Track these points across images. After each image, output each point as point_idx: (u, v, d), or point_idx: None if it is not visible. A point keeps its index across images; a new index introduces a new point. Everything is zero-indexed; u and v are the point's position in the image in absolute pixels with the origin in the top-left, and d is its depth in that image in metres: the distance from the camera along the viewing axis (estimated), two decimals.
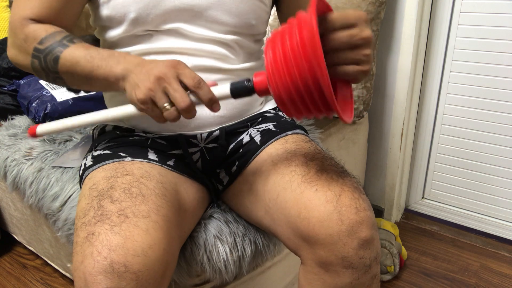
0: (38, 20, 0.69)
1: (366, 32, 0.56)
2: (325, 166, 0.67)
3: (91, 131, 0.87)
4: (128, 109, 0.61)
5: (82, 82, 0.67)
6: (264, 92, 0.57)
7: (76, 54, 0.65)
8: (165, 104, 0.56)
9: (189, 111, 0.56)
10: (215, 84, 0.59)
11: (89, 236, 0.56)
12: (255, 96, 0.83)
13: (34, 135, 0.65)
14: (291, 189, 0.65)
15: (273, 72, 0.53)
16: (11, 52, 0.71)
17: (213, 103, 0.57)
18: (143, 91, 0.56)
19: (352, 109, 0.61)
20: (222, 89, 0.58)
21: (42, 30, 0.67)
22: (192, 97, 0.57)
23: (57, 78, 0.69)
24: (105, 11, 0.72)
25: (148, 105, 0.57)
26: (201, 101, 0.57)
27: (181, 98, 0.55)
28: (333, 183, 0.63)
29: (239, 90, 0.58)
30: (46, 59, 0.67)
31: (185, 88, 0.57)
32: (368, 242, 0.60)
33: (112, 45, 0.76)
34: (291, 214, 0.64)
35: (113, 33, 0.74)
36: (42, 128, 0.65)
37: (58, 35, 0.67)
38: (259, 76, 0.58)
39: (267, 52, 0.54)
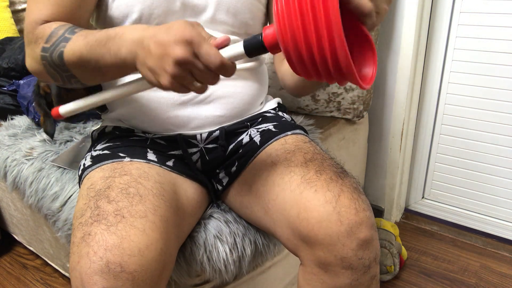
0: (50, 21, 0.66)
1: None
2: (324, 167, 0.67)
3: (91, 132, 0.87)
4: (146, 84, 0.58)
5: (95, 75, 0.63)
6: (274, 47, 0.53)
7: (78, 46, 0.60)
8: (194, 83, 0.53)
9: (216, 83, 0.54)
10: (228, 40, 0.54)
11: (85, 236, 0.56)
12: (255, 96, 0.83)
13: (59, 116, 0.63)
14: (290, 189, 0.65)
15: (282, 20, 0.49)
16: (29, 63, 0.67)
17: (231, 74, 0.54)
18: (168, 78, 0.52)
19: (374, 72, 0.55)
20: (236, 48, 0.54)
21: (47, 28, 0.64)
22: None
23: (71, 77, 0.64)
24: (108, 10, 0.72)
25: (176, 88, 0.53)
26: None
27: (210, 78, 0.53)
28: (332, 183, 0.63)
29: (252, 47, 0.53)
30: (52, 59, 0.63)
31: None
32: (367, 242, 0.60)
33: None
34: (290, 214, 0.64)
35: None
36: (64, 108, 0.63)
37: (62, 29, 0.63)
38: (269, 29, 0.53)
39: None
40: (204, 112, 0.76)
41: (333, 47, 0.47)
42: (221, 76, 0.76)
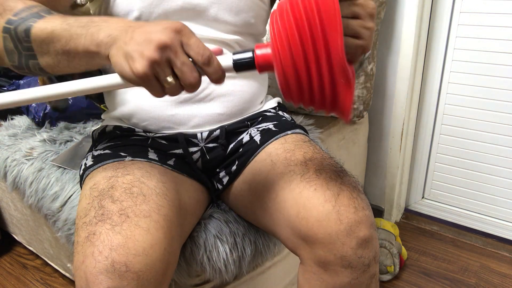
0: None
1: (370, 3, 0.52)
2: (324, 166, 0.67)
3: (91, 132, 0.87)
4: (115, 80, 0.52)
5: (58, 59, 0.57)
6: (266, 69, 0.50)
7: (51, 23, 0.55)
8: (168, 78, 0.48)
9: (195, 87, 0.49)
10: (220, 52, 0.52)
11: (90, 235, 0.56)
12: (255, 94, 0.83)
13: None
14: (290, 188, 0.65)
15: (280, 43, 0.46)
16: None
17: (220, 80, 0.51)
18: (144, 63, 0.47)
19: (351, 104, 0.54)
20: (224, 61, 0.51)
21: (20, 2, 0.59)
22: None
23: (30, 57, 0.58)
24: (108, 8, 0.72)
25: (149, 79, 0.48)
26: (207, 76, 0.50)
27: (190, 73, 0.48)
28: (331, 182, 0.63)
29: (242, 64, 0.50)
30: (16, 31, 0.57)
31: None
32: (367, 241, 0.60)
33: None
34: (290, 213, 0.64)
35: None
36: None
37: (37, 8, 0.58)
38: (262, 48, 0.50)
39: (273, 21, 0.48)
40: (204, 110, 0.76)
41: (333, 81, 0.46)
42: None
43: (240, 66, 0.51)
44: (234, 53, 0.51)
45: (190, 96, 0.75)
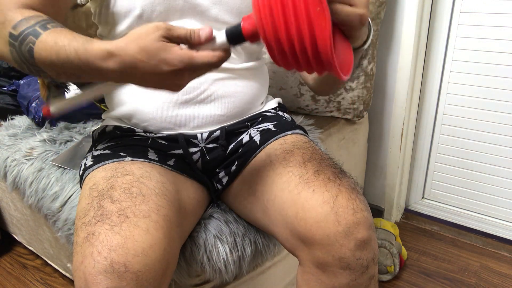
0: (32, 8, 0.62)
1: None
2: (322, 167, 0.67)
3: (91, 132, 0.87)
4: None
5: (68, 76, 0.59)
6: (252, 37, 0.53)
7: (49, 50, 0.56)
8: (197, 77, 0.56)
9: (219, 62, 0.55)
10: (211, 31, 0.55)
11: (89, 236, 0.56)
12: (256, 95, 0.83)
13: (48, 114, 0.62)
14: (288, 189, 0.65)
15: (262, 9, 0.48)
16: None
17: (226, 58, 0.55)
18: (179, 89, 0.56)
19: (351, 65, 0.54)
20: (219, 38, 0.55)
21: (18, 14, 0.59)
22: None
23: (40, 71, 0.60)
24: (110, 6, 0.72)
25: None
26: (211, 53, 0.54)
27: (206, 63, 0.53)
28: (330, 183, 0.63)
29: (233, 36, 0.54)
30: (21, 50, 0.58)
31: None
32: (365, 243, 0.60)
33: None
34: (289, 214, 0.64)
35: (117, 29, 0.74)
36: (55, 106, 0.62)
37: (33, 19, 0.58)
38: (248, 18, 0.53)
39: None
40: (205, 111, 0.76)
41: (312, 36, 0.46)
42: (222, 75, 0.76)
43: (232, 37, 0.54)
44: (226, 29, 0.54)
45: (190, 97, 0.75)
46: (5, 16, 0.60)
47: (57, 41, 0.56)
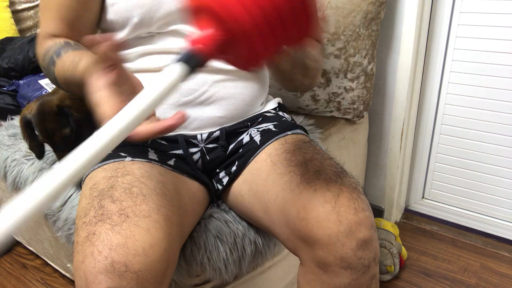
0: (57, 35, 0.72)
1: None
2: (324, 167, 0.67)
3: None
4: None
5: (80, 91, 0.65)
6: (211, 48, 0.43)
7: (61, 77, 0.67)
8: None
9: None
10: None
11: (89, 235, 0.56)
12: (256, 96, 0.83)
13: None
14: (290, 189, 0.65)
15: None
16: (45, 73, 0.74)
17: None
18: None
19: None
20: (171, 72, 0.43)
21: (44, 45, 0.70)
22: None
23: (69, 90, 0.72)
24: (108, 15, 0.72)
25: None
26: None
27: None
28: (331, 183, 0.63)
29: (189, 57, 0.43)
30: (51, 78, 0.70)
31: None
32: (367, 242, 0.60)
33: None
34: (290, 214, 0.64)
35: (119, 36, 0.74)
36: None
37: (52, 49, 0.68)
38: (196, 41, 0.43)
39: None
40: (205, 113, 0.76)
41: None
42: (221, 77, 0.76)
43: (187, 58, 0.43)
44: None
45: (190, 99, 0.75)
46: (39, 50, 0.72)
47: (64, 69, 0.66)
